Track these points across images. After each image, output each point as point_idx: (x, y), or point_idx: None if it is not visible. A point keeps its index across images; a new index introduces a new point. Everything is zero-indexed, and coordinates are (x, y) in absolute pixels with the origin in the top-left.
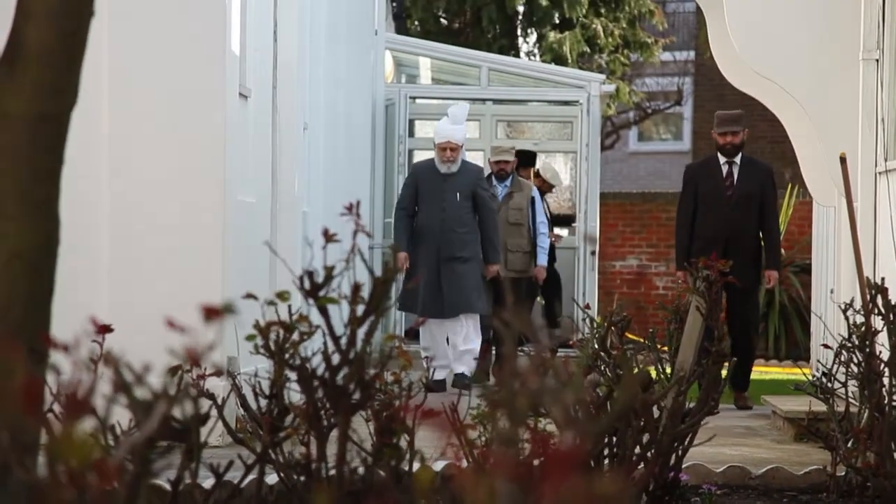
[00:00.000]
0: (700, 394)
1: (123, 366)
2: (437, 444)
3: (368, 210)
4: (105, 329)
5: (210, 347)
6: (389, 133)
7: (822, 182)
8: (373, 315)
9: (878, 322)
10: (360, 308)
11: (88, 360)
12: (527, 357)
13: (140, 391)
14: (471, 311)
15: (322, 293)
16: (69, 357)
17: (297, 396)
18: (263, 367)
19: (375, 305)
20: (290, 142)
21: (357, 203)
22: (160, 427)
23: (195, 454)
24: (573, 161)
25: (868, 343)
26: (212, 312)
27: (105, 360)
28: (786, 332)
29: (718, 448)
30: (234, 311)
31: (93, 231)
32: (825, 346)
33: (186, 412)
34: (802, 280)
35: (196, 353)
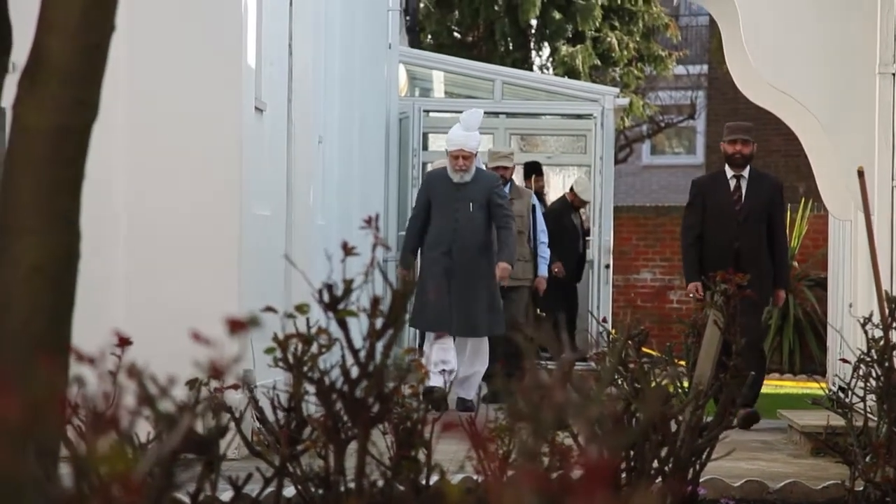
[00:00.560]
0: (718, 408)
1: (147, 378)
2: (456, 458)
3: (383, 223)
4: (125, 342)
5: (235, 360)
6: (403, 146)
7: (838, 195)
8: (392, 328)
9: None
10: (379, 321)
11: (111, 373)
12: (548, 371)
13: (164, 404)
14: (476, 336)
15: (341, 306)
16: (94, 370)
17: (315, 409)
18: (281, 380)
19: (394, 319)
20: (305, 155)
21: (376, 216)
22: (183, 440)
23: (215, 467)
24: (587, 174)
25: (887, 357)
26: (236, 325)
27: (129, 373)
28: (800, 347)
29: (735, 462)
30: (259, 324)
31: (110, 244)
32: (843, 361)
33: (207, 425)
34: (817, 294)
35: (220, 366)
